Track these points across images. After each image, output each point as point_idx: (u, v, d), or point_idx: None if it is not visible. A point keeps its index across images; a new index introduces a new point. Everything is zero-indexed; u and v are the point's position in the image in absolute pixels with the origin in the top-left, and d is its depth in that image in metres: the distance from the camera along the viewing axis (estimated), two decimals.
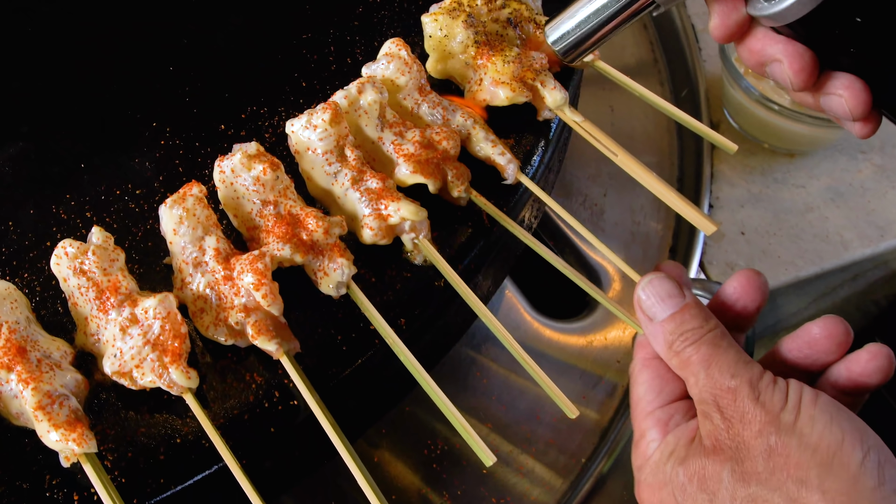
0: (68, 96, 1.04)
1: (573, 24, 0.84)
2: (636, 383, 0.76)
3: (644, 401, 0.75)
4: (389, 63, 0.92)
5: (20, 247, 0.92)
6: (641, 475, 0.73)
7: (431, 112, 0.92)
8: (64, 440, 0.76)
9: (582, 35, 0.84)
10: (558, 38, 0.86)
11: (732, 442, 0.66)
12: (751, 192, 1.29)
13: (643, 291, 0.74)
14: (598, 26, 0.82)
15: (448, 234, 0.92)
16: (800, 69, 0.72)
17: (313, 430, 0.82)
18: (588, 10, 0.82)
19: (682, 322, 0.71)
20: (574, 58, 0.87)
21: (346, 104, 0.88)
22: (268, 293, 0.80)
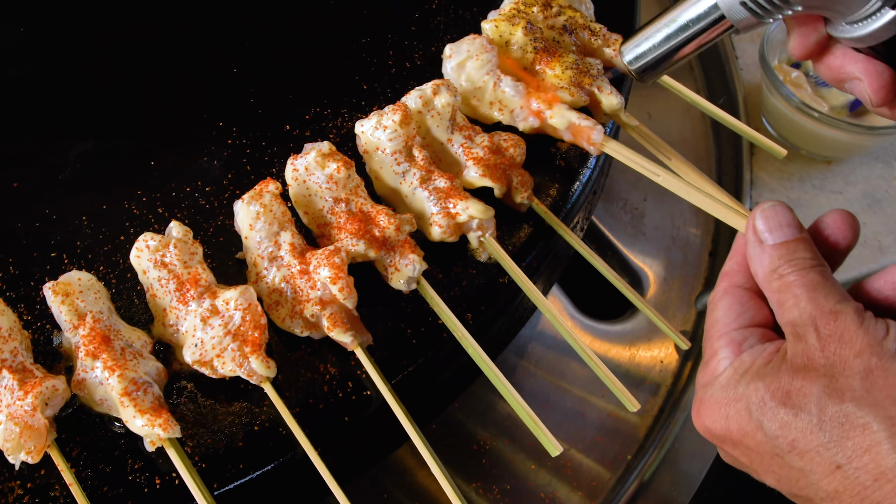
0: (138, 96, 1.07)
1: (650, 46, 0.84)
2: (715, 308, 0.77)
3: (720, 323, 0.76)
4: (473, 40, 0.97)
5: (94, 241, 0.95)
6: (708, 391, 0.74)
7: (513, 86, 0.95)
8: (150, 425, 0.78)
9: (658, 56, 0.85)
10: (634, 59, 0.86)
11: (827, 360, 0.67)
12: (789, 197, 1.32)
13: (762, 214, 0.74)
14: (676, 48, 0.83)
15: (508, 234, 0.95)
16: (879, 87, 0.75)
17: (384, 420, 0.85)
18: (666, 32, 0.83)
19: (793, 250, 0.71)
20: (649, 78, 0.88)
21: (419, 104, 0.91)
22: (344, 286, 0.83)
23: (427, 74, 1.06)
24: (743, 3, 0.73)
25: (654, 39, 0.83)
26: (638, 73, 0.86)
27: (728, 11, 0.75)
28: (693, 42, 0.81)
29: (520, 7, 1.02)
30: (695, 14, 0.78)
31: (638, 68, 0.86)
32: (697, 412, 0.75)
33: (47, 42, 1.12)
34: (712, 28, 0.78)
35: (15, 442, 0.78)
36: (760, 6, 0.72)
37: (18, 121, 1.05)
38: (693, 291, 1.31)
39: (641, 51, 0.85)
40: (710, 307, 0.79)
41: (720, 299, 0.78)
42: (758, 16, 0.73)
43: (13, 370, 0.80)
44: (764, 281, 0.73)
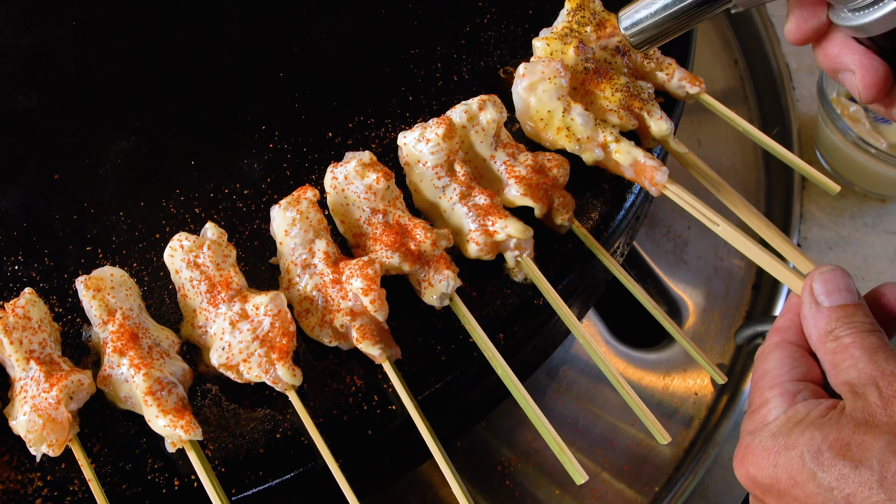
0: (181, 95, 1.07)
1: (648, 13, 0.82)
2: (765, 360, 0.77)
3: (772, 374, 0.75)
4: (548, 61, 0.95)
5: (130, 237, 0.95)
6: (755, 439, 0.72)
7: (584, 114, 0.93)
8: (172, 426, 0.78)
9: (655, 24, 0.82)
10: (631, 25, 0.84)
11: (890, 419, 0.66)
12: (840, 234, 1.29)
13: (821, 277, 0.75)
14: (674, 17, 0.80)
15: (546, 256, 0.93)
16: (871, 84, 0.73)
17: (408, 436, 0.83)
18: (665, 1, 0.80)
19: (851, 314, 0.72)
20: (645, 46, 0.86)
21: (464, 118, 0.90)
22: (376, 298, 0.82)
23: (474, 89, 1.05)
24: None
25: (651, 7, 0.81)
26: (633, 40, 0.84)
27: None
28: (691, 12, 0.78)
29: (573, 26, 1.00)
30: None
31: (634, 36, 0.83)
32: (742, 459, 0.73)
33: (100, 38, 1.13)
34: None
35: (37, 434, 0.78)
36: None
37: (65, 113, 1.06)
38: (733, 324, 1.28)
39: (639, 17, 0.82)
40: (760, 359, 0.78)
41: (771, 352, 0.77)
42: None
43: (41, 362, 0.80)
44: (818, 342, 0.73)
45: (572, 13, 1.01)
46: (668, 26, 0.81)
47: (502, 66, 1.06)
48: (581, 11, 1.01)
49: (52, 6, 1.15)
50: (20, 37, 1.13)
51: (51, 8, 1.15)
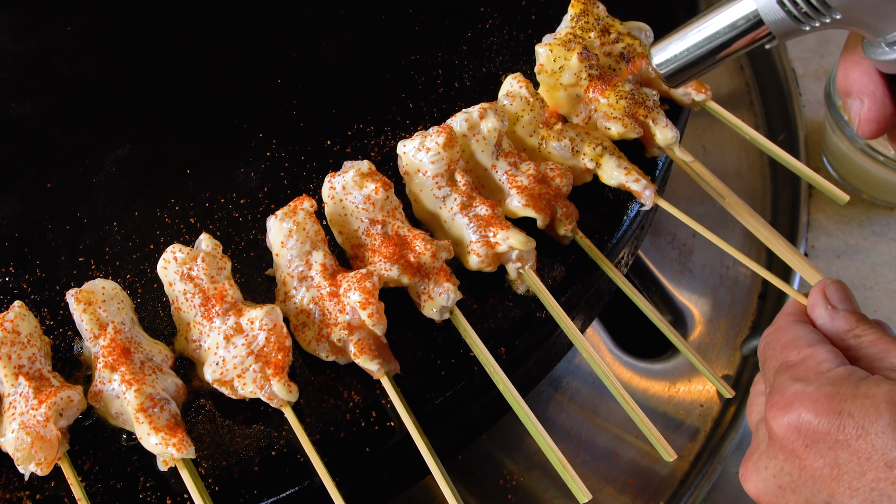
0: (177, 102, 1.05)
1: (681, 49, 0.79)
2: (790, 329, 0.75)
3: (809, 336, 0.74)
4: (511, 102, 0.92)
5: (124, 248, 0.93)
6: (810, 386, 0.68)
7: (559, 146, 0.92)
8: (164, 444, 0.76)
9: (690, 60, 0.79)
10: (665, 61, 0.81)
11: None
12: (847, 243, 1.26)
13: (833, 285, 0.78)
14: (708, 53, 0.78)
15: (549, 267, 0.91)
16: (873, 119, 0.72)
17: (406, 452, 0.81)
18: (699, 36, 0.78)
19: (863, 319, 0.75)
20: (678, 82, 0.83)
21: (465, 127, 0.88)
22: (374, 312, 0.80)
23: (476, 96, 1.03)
24: (780, 2, 0.69)
25: (686, 42, 0.78)
26: (666, 76, 0.81)
27: (765, 12, 0.70)
28: (727, 48, 0.76)
29: (576, 32, 0.98)
30: (731, 19, 0.74)
31: (667, 72, 0.81)
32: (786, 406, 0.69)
33: (97, 44, 1.11)
34: (748, 34, 0.74)
35: (26, 452, 0.76)
36: (799, 7, 0.68)
37: (60, 120, 1.04)
38: (739, 334, 1.26)
39: (672, 54, 0.80)
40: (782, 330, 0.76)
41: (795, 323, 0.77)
42: (796, 19, 0.69)
43: (30, 377, 0.78)
44: (837, 340, 0.74)
45: (576, 19, 0.99)
46: (702, 62, 0.79)
47: (504, 73, 1.04)
48: (585, 17, 0.99)
49: (49, 12, 1.13)
50: (17, 43, 1.11)
51: (48, 14, 1.13)
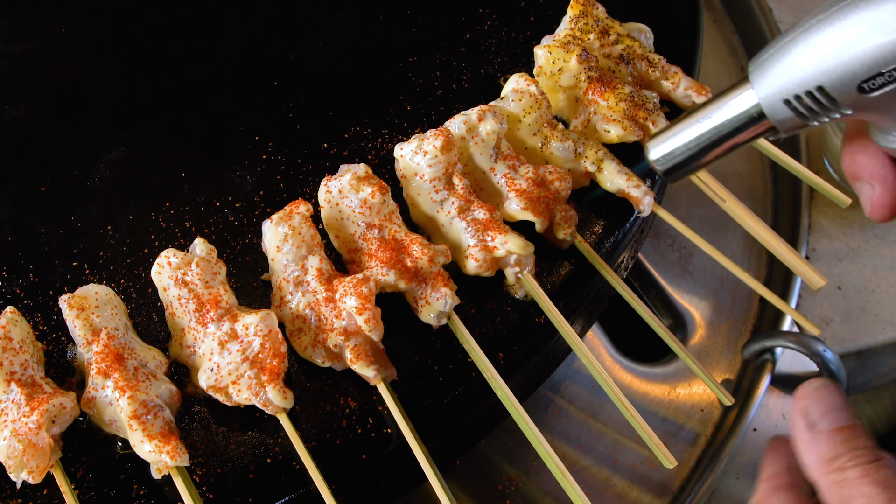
0: (173, 104, 1.04)
1: (679, 144, 0.76)
2: (769, 500, 0.70)
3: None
4: (519, 100, 0.91)
5: (118, 252, 0.92)
6: None
7: (562, 147, 0.90)
8: (157, 451, 0.75)
9: (688, 156, 0.76)
10: (662, 158, 0.77)
11: None
12: (849, 245, 1.25)
13: (815, 394, 0.69)
14: (708, 149, 0.74)
15: (547, 272, 0.90)
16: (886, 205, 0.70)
17: (403, 459, 0.80)
18: (698, 131, 0.74)
19: (851, 437, 0.66)
20: (676, 178, 0.79)
21: (463, 129, 0.87)
22: (370, 318, 0.79)
23: (474, 98, 1.02)
24: (786, 102, 0.66)
25: (684, 137, 0.75)
26: (664, 173, 0.78)
27: (770, 111, 0.67)
28: (727, 142, 0.73)
29: (575, 33, 0.97)
30: (732, 113, 0.70)
31: (665, 168, 0.78)
32: None
33: (91, 46, 1.10)
34: (750, 129, 0.70)
35: (17, 460, 0.75)
36: (807, 106, 0.65)
37: (54, 123, 1.03)
38: (740, 337, 1.24)
39: (670, 149, 0.76)
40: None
41: (770, 498, 0.70)
42: (802, 117, 0.66)
43: (22, 384, 0.77)
44: (820, 472, 0.66)
45: (575, 20, 0.98)
46: (700, 158, 0.75)
47: (503, 75, 1.03)
48: (584, 18, 0.98)
49: (42, 14, 1.12)
50: (10, 45, 1.10)
51: (41, 16, 1.12)
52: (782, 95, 0.66)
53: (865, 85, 0.62)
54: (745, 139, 0.72)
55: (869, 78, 0.62)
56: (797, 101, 0.65)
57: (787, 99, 0.66)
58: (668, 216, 0.94)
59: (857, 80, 0.62)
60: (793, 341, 1.11)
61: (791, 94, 0.65)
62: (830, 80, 0.63)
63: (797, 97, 0.65)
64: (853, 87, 0.63)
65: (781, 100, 0.66)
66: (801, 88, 0.64)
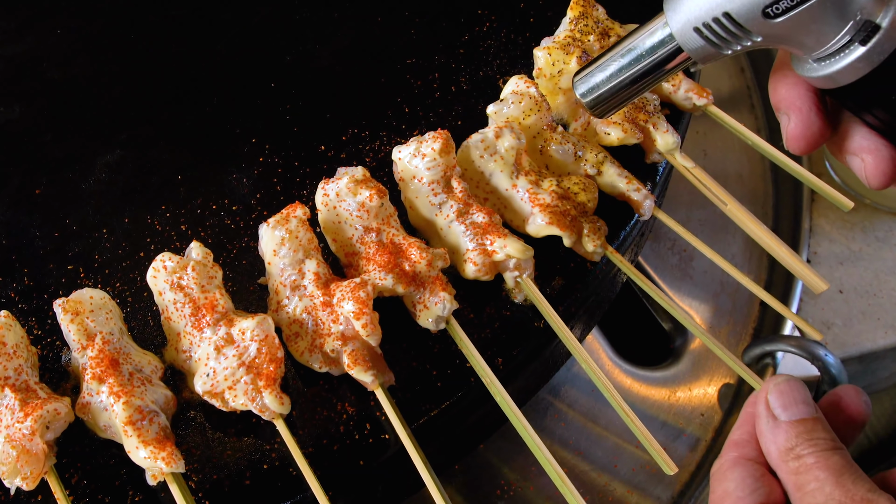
0: (169, 106, 1.03)
1: (603, 77, 0.75)
2: (724, 478, 0.73)
3: (733, 496, 0.71)
4: (519, 102, 0.90)
5: (113, 255, 0.92)
6: None
7: (562, 149, 0.90)
8: (153, 458, 0.74)
9: (612, 89, 0.75)
10: (587, 91, 0.77)
11: None
12: (850, 249, 1.25)
13: (776, 388, 0.72)
14: (631, 81, 0.74)
15: (547, 276, 0.89)
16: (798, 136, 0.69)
17: (401, 465, 0.79)
18: (619, 63, 0.74)
19: (811, 429, 0.70)
20: (604, 112, 0.79)
21: (480, 148, 0.86)
22: (368, 323, 0.78)
23: (473, 100, 1.01)
24: (697, 30, 0.66)
25: (607, 71, 0.75)
26: (591, 106, 0.78)
27: (682, 40, 0.67)
28: (649, 75, 0.73)
29: (575, 35, 0.96)
30: (650, 44, 0.71)
31: (591, 101, 0.77)
32: None
33: (87, 48, 1.09)
34: (669, 61, 0.71)
35: (11, 466, 0.74)
36: (716, 34, 0.65)
37: (49, 125, 1.02)
38: (740, 341, 1.24)
39: (594, 82, 0.76)
40: (718, 478, 0.74)
41: (730, 469, 0.73)
42: (715, 46, 0.66)
43: (16, 389, 0.76)
44: (778, 460, 0.70)
45: (575, 22, 0.97)
46: (625, 90, 0.75)
47: (502, 77, 1.02)
48: (584, 20, 0.97)
49: (37, 15, 1.12)
50: (4, 46, 1.09)
51: (36, 17, 1.11)
52: (692, 24, 0.66)
53: (769, 10, 0.62)
54: (667, 70, 0.72)
55: (772, 2, 0.61)
56: (707, 28, 0.65)
57: (697, 27, 0.66)
58: (669, 220, 0.94)
59: (760, 4, 0.62)
60: (794, 345, 1.10)
61: (700, 22, 0.65)
62: (735, 6, 0.63)
63: (706, 25, 0.65)
64: (758, 13, 0.62)
65: (692, 28, 0.66)
66: (709, 16, 0.64)
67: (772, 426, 0.71)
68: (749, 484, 0.71)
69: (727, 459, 0.74)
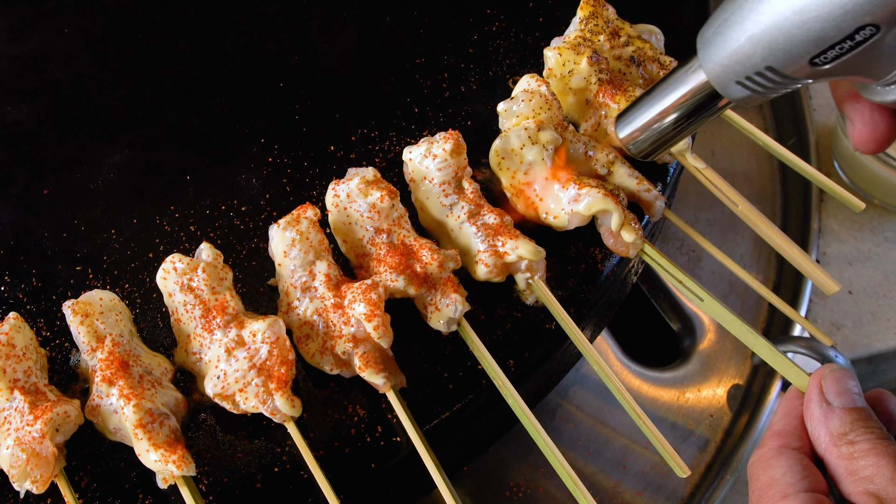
0: (177, 106, 1.02)
1: (643, 122, 0.74)
2: (770, 467, 0.72)
3: (782, 483, 0.70)
4: (530, 101, 0.89)
5: (122, 256, 0.91)
6: None
7: (573, 148, 0.89)
8: (163, 461, 0.73)
9: (653, 133, 0.74)
10: (628, 136, 0.76)
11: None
12: (860, 249, 1.24)
13: (832, 375, 0.73)
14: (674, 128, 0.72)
15: (559, 277, 0.88)
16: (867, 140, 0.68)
17: (412, 468, 0.79)
18: (661, 108, 0.72)
19: (866, 417, 0.70)
20: (648, 155, 0.77)
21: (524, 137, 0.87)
22: (380, 325, 0.77)
23: (483, 100, 1.00)
24: (739, 83, 0.63)
25: (648, 115, 0.73)
26: (635, 151, 0.76)
27: (723, 91, 0.65)
28: (690, 119, 0.71)
29: (585, 35, 0.96)
30: (688, 95, 0.69)
31: (634, 147, 0.76)
32: None
33: (94, 47, 1.08)
34: (710, 107, 0.69)
35: (21, 469, 0.73)
36: (762, 85, 0.62)
37: (56, 125, 1.01)
38: None
39: (636, 126, 0.75)
40: (762, 465, 0.73)
41: (775, 458, 0.73)
42: (759, 93, 0.63)
43: (25, 391, 0.76)
44: (830, 444, 0.70)
45: (585, 21, 0.97)
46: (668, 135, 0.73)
47: (512, 77, 1.02)
48: (594, 20, 0.97)
49: (44, 14, 1.11)
50: (11, 45, 1.09)
51: (43, 16, 1.11)
52: (733, 78, 0.63)
53: (817, 60, 0.59)
54: (708, 115, 0.70)
55: (819, 54, 0.58)
56: (749, 80, 0.62)
57: (738, 81, 0.63)
58: (678, 220, 0.93)
59: (806, 56, 0.59)
60: (804, 346, 1.10)
61: (742, 76, 0.63)
62: (778, 61, 0.60)
63: (748, 78, 0.62)
64: (804, 63, 0.59)
65: (733, 81, 0.63)
66: (751, 70, 0.62)
67: (825, 411, 0.71)
68: (798, 471, 0.71)
69: (770, 448, 0.74)
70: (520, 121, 0.89)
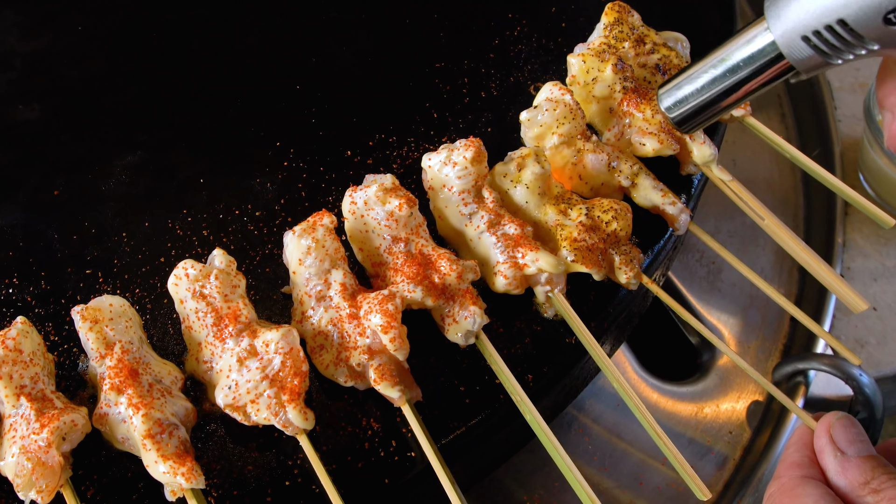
0: (191, 108, 1.00)
1: (692, 90, 0.71)
2: (798, 496, 0.72)
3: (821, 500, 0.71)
4: (554, 110, 0.87)
5: (133, 261, 0.89)
6: None
7: (596, 159, 0.87)
8: (172, 473, 0.71)
9: (703, 103, 0.72)
10: (674, 105, 0.73)
11: None
12: (885, 265, 1.21)
13: (840, 424, 0.74)
14: (723, 94, 0.70)
15: (579, 291, 0.86)
16: None
17: (426, 484, 0.77)
18: (713, 74, 0.69)
19: (882, 464, 0.71)
20: (690, 128, 0.75)
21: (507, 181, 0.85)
22: (396, 337, 0.75)
23: (503, 106, 0.98)
24: (805, 39, 0.61)
25: (697, 82, 0.71)
26: (677, 121, 0.74)
27: (788, 49, 0.62)
28: (744, 86, 0.68)
29: (610, 42, 0.93)
30: (748, 53, 0.66)
31: (678, 116, 0.74)
32: None
33: (107, 46, 1.07)
34: (768, 70, 0.66)
35: (26, 478, 0.71)
36: (828, 42, 0.60)
37: (68, 125, 0.99)
38: (769, 357, 1.21)
39: (682, 95, 0.72)
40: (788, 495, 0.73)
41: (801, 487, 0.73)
42: (824, 55, 0.61)
43: (32, 398, 0.74)
44: (854, 495, 0.71)
45: (609, 28, 0.95)
46: (716, 104, 0.71)
47: (533, 83, 1.00)
48: (619, 26, 0.94)
49: (57, 11, 1.09)
50: (23, 43, 1.07)
51: (56, 13, 1.09)
52: (800, 32, 0.61)
53: (892, 16, 0.57)
54: (763, 82, 0.68)
55: (893, 9, 0.56)
56: (817, 37, 0.60)
57: (805, 35, 0.61)
58: (702, 232, 0.91)
59: (882, 10, 0.57)
60: (827, 364, 1.07)
61: (810, 30, 0.60)
62: (852, 12, 0.58)
63: (816, 33, 0.60)
64: (878, 19, 0.57)
65: (800, 37, 0.61)
66: (821, 23, 0.59)
67: (841, 461, 0.72)
68: (829, 500, 0.71)
69: (793, 477, 0.74)
70: (543, 130, 0.86)
